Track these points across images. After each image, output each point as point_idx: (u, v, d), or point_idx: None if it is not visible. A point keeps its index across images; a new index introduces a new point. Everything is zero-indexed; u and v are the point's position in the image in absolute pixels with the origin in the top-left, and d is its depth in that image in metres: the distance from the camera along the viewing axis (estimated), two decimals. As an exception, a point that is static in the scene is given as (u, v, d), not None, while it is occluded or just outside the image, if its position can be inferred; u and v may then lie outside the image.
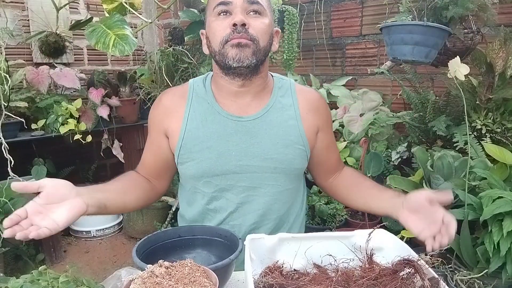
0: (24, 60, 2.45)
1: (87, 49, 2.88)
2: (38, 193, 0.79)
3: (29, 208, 0.76)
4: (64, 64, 2.67)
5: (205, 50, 1.05)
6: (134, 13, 1.85)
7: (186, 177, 1.09)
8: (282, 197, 1.07)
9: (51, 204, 0.78)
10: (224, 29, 0.95)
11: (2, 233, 1.76)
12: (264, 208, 1.05)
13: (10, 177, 1.87)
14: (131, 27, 1.72)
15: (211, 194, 1.06)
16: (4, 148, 1.84)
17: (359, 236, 0.78)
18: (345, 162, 1.87)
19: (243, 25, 0.94)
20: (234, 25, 0.94)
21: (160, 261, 0.68)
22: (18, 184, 0.78)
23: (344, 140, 1.95)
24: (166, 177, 1.14)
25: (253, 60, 0.96)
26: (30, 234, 0.71)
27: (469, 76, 1.40)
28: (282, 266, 0.74)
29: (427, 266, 0.66)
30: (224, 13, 0.96)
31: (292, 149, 1.04)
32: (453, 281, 1.14)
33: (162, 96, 1.11)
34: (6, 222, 0.72)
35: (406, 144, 1.74)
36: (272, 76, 1.11)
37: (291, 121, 1.05)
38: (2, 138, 1.83)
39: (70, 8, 2.68)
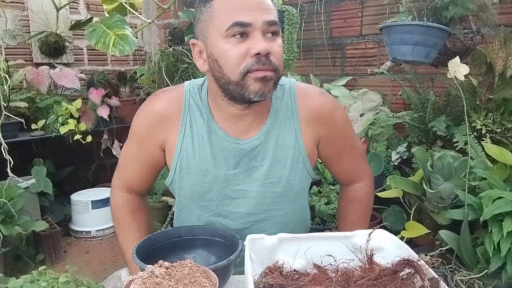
0: (24, 60, 2.46)
1: (87, 49, 2.88)
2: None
3: None
4: (64, 64, 2.68)
5: (202, 68, 0.90)
6: (134, 13, 1.85)
7: (181, 197, 1.01)
8: (284, 221, 1.00)
9: None
10: (243, 57, 0.81)
11: (2, 234, 1.77)
12: (263, 232, 0.94)
13: (9, 177, 1.87)
14: (131, 27, 1.72)
15: (206, 219, 0.99)
16: (3, 148, 1.84)
17: (359, 236, 0.78)
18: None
19: (267, 53, 0.81)
20: (257, 54, 0.81)
21: (160, 261, 0.68)
22: None
23: (344, 140, 1.95)
24: (149, 184, 1.09)
25: (272, 92, 0.87)
26: None
27: (469, 76, 1.40)
28: (282, 266, 0.74)
29: (427, 266, 0.66)
30: (241, 35, 0.81)
31: (291, 169, 0.96)
32: (453, 281, 1.14)
33: (155, 102, 0.98)
34: None
35: (406, 144, 1.74)
36: None
37: (290, 139, 0.96)
38: (2, 139, 1.83)
39: (70, 8, 2.68)
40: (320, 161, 1.14)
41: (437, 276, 0.64)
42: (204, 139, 0.95)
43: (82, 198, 2.64)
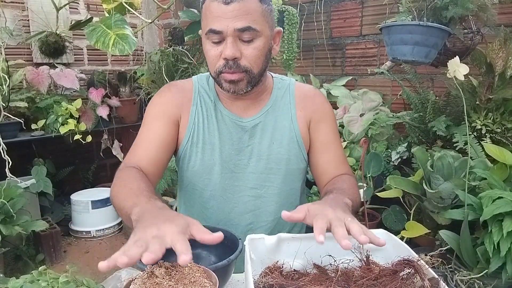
0: (24, 60, 2.46)
1: (87, 49, 2.88)
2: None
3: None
4: (64, 64, 2.68)
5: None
6: (134, 13, 1.85)
7: (187, 173, 1.08)
8: (279, 199, 1.07)
9: None
10: (217, 59, 0.93)
11: (2, 234, 1.77)
12: (260, 209, 1.07)
13: (8, 177, 1.87)
14: (131, 27, 1.72)
15: (209, 193, 1.06)
16: (2, 148, 1.84)
17: (359, 236, 0.78)
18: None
19: (234, 58, 0.91)
20: (226, 58, 0.91)
21: (160, 261, 0.68)
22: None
23: (344, 140, 1.95)
24: (159, 173, 1.03)
25: (249, 88, 0.97)
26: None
27: (469, 76, 1.40)
28: (282, 266, 0.74)
29: (427, 266, 0.66)
30: (216, 39, 0.92)
31: (287, 149, 1.05)
32: (453, 281, 1.14)
33: (171, 86, 1.09)
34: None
35: (406, 144, 1.74)
36: (272, 76, 1.11)
37: (287, 121, 1.06)
38: (0, 139, 1.83)
39: (70, 8, 2.68)
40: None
41: (437, 276, 0.64)
42: (212, 116, 1.05)
43: (82, 198, 2.65)
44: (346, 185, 0.97)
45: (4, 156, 1.84)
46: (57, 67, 2.52)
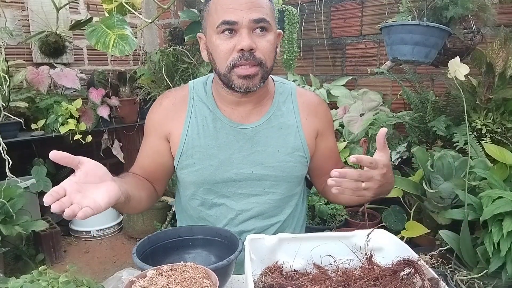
0: (24, 60, 2.45)
1: (87, 49, 2.88)
2: (72, 171, 0.75)
3: (67, 186, 0.71)
4: (64, 64, 2.67)
5: (205, 57, 1.00)
6: (134, 13, 1.85)
7: (186, 183, 1.07)
8: (283, 204, 1.07)
9: (88, 183, 0.74)
10: (230, 52, 0.91)
11: (2, 234, 1.77)
12: (264, 215, 1.05)
13: (8, 177, 1.87)
14: (131, 27, 1.72)
15: (211, 201, 1.05)
16: (2, 148, 1.84)
17: (359, 236, 0.78)
18: (345, 163, 1.86)
19: (251, 49, 0.90)
20: (241, 49, 0.90)
21: (161, 266, 0.67)
22: (58, 154, 0.71)
23: (344, 140, 1.95)
24: (164, 181, 1.11)
25: (261, 84, 0.95)
26: (77, 213, 0.67)
27: (469, 76, 1.40)
28: (282, 266, 0.74)
29: (427, 266, 0.66)
30: (229, 32, 0.91)
31: (292, 156, 1.03)
32: (453, 281, 1.14)
33: (163, 99, 1.08)
34: (47, 198, 0.67)
35: (406, 144, 1.74)
36: (273, 80, 1.09)
37: (292, 128, 1.04)
38: (0, 139, 1.83)
39: (70, 8, 2.67)
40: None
41: (437, 276, 0.64)
42: (209, 126, 1.02)
43: (82, 198, 2.64)
44: None
45: (4, 156, 1.84)
46: (57, 67, 2.52)
